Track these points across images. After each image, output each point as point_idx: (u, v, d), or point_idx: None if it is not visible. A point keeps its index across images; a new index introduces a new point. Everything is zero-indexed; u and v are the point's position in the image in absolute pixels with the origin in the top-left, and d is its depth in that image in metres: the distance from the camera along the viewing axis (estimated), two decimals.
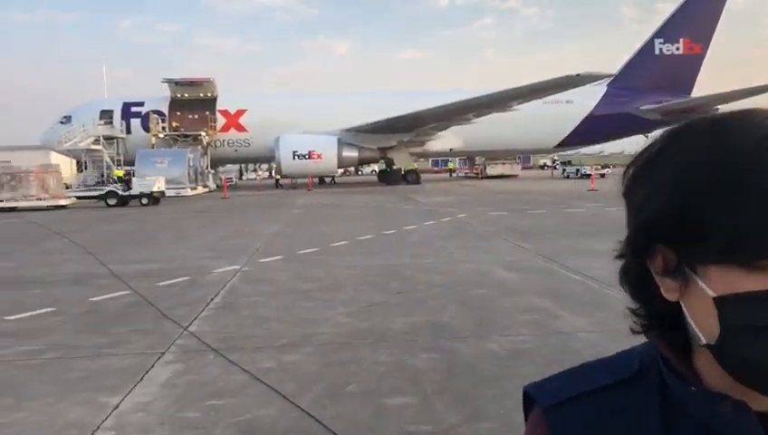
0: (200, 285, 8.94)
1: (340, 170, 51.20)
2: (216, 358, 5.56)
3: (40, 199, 27.59)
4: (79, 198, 30.39)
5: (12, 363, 5.65)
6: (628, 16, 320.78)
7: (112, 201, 28.23)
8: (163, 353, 5.72)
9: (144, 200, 28.00)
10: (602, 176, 43.61)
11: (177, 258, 11.77)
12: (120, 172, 30.45)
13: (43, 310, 7.60)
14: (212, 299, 7.97)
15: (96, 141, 38.47)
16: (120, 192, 28.47)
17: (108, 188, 29.45)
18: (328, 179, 49.80)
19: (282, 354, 5.61)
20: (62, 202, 28.12)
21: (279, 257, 11.33)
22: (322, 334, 6.24)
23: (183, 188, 34.63)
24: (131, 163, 37.21)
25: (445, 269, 9.69)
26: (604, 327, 6.25)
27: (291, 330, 6.43)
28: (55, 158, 51.55)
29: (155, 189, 28.51)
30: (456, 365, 5.22)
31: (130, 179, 29.29)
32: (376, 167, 56.61)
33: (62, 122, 42.04)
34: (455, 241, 13.00)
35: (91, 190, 31.83)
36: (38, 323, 7.02)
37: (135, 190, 28.29)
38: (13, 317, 7.28)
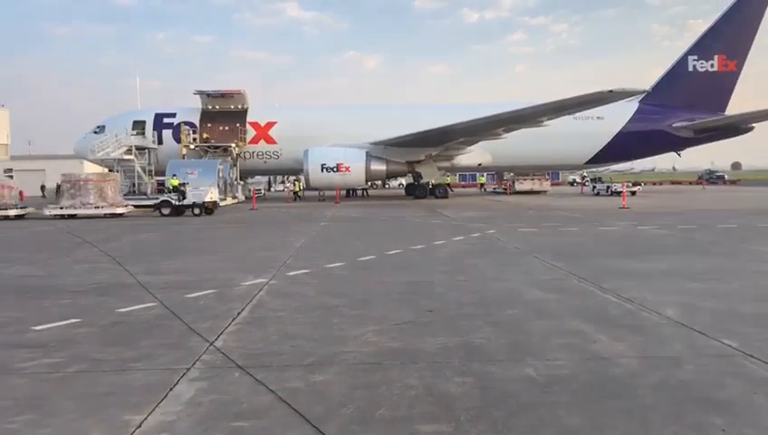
0: (227, 298, 8.84)
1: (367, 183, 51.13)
2: (242, 376, 5.41)
3: (98, 208, 27.73)
4: (135, 206, 30.58)
5: (37, 376, 5.56)
6: (659, 33, 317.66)
7: (166, 211, 28.08)
8: (188, 369, 5.59)
9: (197, 210, 27.77)
10: (633, 193, 42.86)
11: (206, 270, 11.71)
12: (175, 182, 29.94)
13: (70, 320, 7.55)
14: (239, 313, 7.85)
15: (128, 151, 38.96)
16: (174, 202, 28.23)
17: (162, 198, 29.30)
18: (360, 192, 49.85)
19: (309, 374, 5.44)
20: (120, 210, 28.16)
21: (307, 271, 11.20)
22: (351, 353, 6.06)
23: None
24: (162, 173, 37.60)
25: (476, 287, 9.45)
26: (644, 353, 5.98)
27: (319, 348, 6.26)
28: (88, 167, 52.53)
29: (207, 199, 28.17)
30: (490, 391, 5.00)
31: (185, 189, 28.84)
32: (403, 180, 56.49)
33: (95, 132, 42.70)
34: (485, 258, 12.75)
35: (146, 199, 32.07)
36: (65, 334, 6.96)
37: (188, 200, 28.07)
38: (40, 327, 7.23)
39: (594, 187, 50.14)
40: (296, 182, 47.54)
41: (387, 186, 70.56)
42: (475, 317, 7.51)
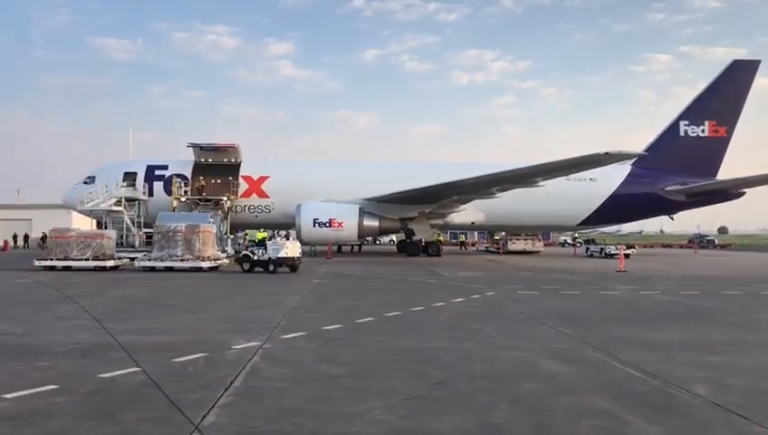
0: (218, 364, 8.17)
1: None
2: None
3: (183, 260, 26.51)
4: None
5: None
6: (645, 99, 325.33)
7: (246, 266, 25.56)
8: None
9: (271, 267, 25.05)
10: (627, 256, 42.58)
11: (194, 330, 11.02)
12: (262, 234, 27.95)
13: (47, 387, 6.86)
14: (231, 382, 7.18)
15: (118, 203, 38.33)
16: (252, 256, 25.73)
17: (244, 252, 26.98)
18: (356, 247, 49.19)
19: None
20: (203, 265, 26.50)
21: (302, 334, 10.55)
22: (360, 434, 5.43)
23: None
24: (152, 225, 36.93)
25: (486, 357, 8.84)
26: None
27: (323, 428, 5.61)
28: (76, 217, 51.69)
29: (282, 255, 25.20)
30: None
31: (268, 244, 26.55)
32: (394, 237, 56.04)
33: (85, 182, 42.21)
34: (490, 323, 12.15)
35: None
36: (39, 404, 6.27)
37: (263, 256, 25.50)
38: (11, 395, 6.54)
39: (588, 248, 49.89)
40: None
41: (378, 242, 70.10)
42: (490, 392, 6.89)
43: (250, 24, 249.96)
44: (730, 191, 47.91)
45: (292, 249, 25.61)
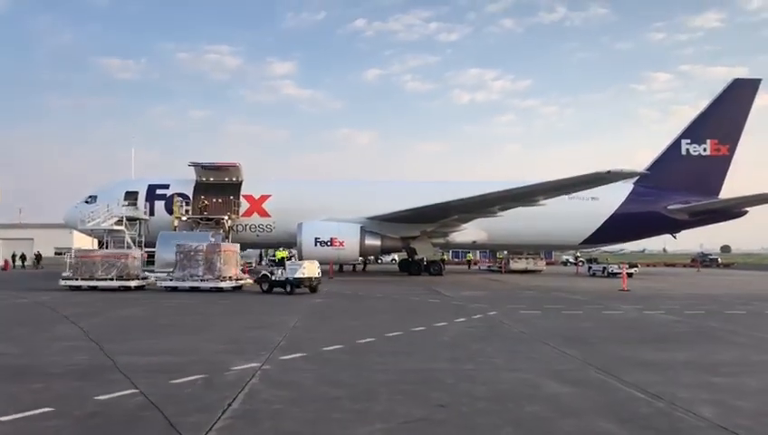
0: (217, 386, 8.05)
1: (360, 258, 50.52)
2: None
3: (204, 280, 25.99)
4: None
5: None
6: (647, 117, 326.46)
7: (266, 286, 25.09)
8: None
9: (288, 287, 24.34)
10: (630, 275, 42.36)
11: (193, 351, 10.91)
12: (283, 254, 27.11)
13: (42, 410, 6.75)
14: (229, 405, 7.06)
15: (119, 222, 38.33)
16: (271, 276, 25.17)
17: (263, 272, 26.57)
18: (358, 267, 48.94)
19: None
20: (222, 285, 25.81)
21: (302, 355, 10.43)
22: None
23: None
24: (152, 245, 36.87)
25: (488, 378, 8.71)
26: None
27: None
28: (78, 237, 51.68)
29: (299, 275, 24.33)
30: None
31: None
32: (396, 256, 55.88)
33: (87, 202, 42.23)
34: (492, 343, 12.02)
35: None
36: (34, 427, 6.16)
37: (281, 276, 24.84)
38: (6, 418, 6.43)
39: (590, 267, 49.72)
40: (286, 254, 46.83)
41: (379, 261, 69.94)
42: (493, 414, 6.77)
43: (253, 43, 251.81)
44: (732, 210, 47.79)
45: (309, 269, 24.78)
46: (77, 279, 26.72)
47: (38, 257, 54.97)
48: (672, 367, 9.69)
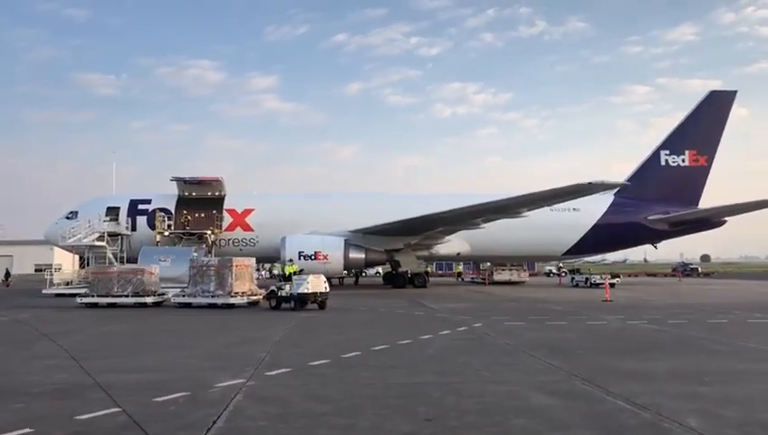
0: (201, 403, 7.94)
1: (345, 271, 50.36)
2: None
3: (215, 296, 25.06)
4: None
5: None
6: (625, 129, 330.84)
7: (273, 302, 24.05)
8: None
9: (291, 303, 23.27)
10: (612, 285, 42.57)
11: (177, 367, 10.77)
12: (292, 268, 25.33)
13: (21, 431, 6.61)
14: (214, 422, 6.96)
15: (100, 238, 37.93)
16: (278, 292, 23.95)
17: (271, 288, 25.02)
18: (352, 280, 48.90)
19: None
20: (232, 301, 24.68)
21: (287, 370, 10.34)
22: None
23: (186, 287, 33.66)
24: (134, 260, 36.50)
25: (475, 391, 8.68)
26: None
27: None
28: (59, 253, 50.98)
29: (303, 291, 22.87)
30: None
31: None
32: (380, 269, 55.79)
33: (68, 217, 41.74)
34: (478, 356, 12.00)
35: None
36: None
37: (286, 291, 23.62)
38: None
39: (573, 278, 49.92)
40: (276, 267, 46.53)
41: (364, 274, 69.72)
42: (480, 428, 6.74)
43: (234, 58, 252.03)
44: (712, 219, 48.37)
45: (315, 284, 23.46)
46: (94, 296, 26.02)
47: (7, 274, 54.01)
48: (657, 377, 9.72)
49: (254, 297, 26.01)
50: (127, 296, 25.74)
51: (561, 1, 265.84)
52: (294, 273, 24.70)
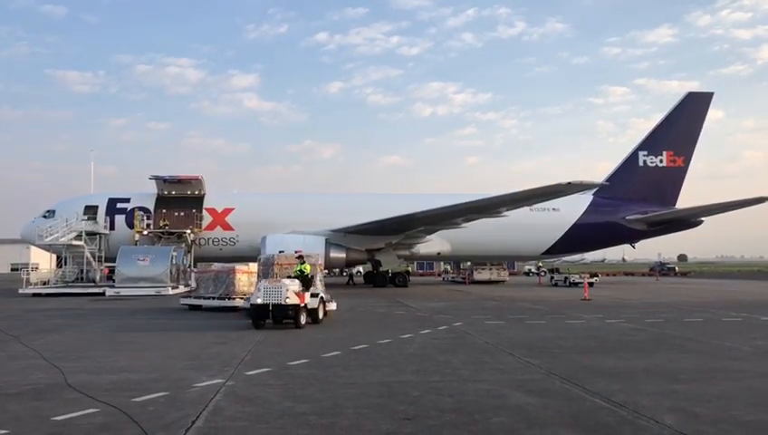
0: (180, 403, 7.89)
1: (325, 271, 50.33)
2: None
3: (221, 299, 23.28)
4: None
5: None
6: (604, 130, 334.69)
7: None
8: None
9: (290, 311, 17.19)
10: (591, 284, 42.97)
11: (156, 368, 10.67)
12: (307, 268, 23.18)
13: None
14: (193, 422, 6.93)
15: (78, 237, 37.48)
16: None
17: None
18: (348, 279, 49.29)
19: None
20: (235, 303, 22.89)
21: (267, 370, 10.31)
22: None
23: (164, 286, 33.42)
24: (113, 260, 36.13)
25: (454, 390, 8.73)
26: None
27: None
28: (35, 252, 50.24)
29: (284, 302, 16.66)
30: None
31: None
32: (361, 268, 55.85)
33: (45, 216, 41.21)
34: (457, 355, 12.06)
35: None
36: None
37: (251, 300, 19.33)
38: None
39: (552, 277, 50.37)
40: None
41: (344, 273, 69.66)
42: (460, 427, 6.78)
43: (214, 56, 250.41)
44: (689, 219, 49.10)
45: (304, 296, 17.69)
46: (199, 298, 24.04)
47: None
48: (634, 375, 9.85)
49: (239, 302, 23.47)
50: (212, 299, 23.45)
51: (541, 2, 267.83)
52: (302, 271, 18.95)
